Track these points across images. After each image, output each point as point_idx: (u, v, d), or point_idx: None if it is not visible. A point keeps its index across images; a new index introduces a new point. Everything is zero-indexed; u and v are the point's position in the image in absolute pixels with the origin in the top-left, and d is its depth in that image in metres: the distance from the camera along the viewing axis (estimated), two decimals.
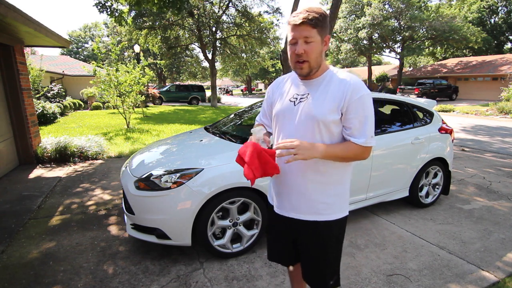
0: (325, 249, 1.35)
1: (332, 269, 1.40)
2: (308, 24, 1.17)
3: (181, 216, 2.26)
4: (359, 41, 25.58)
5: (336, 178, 1.31)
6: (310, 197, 1.30)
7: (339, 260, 1.44)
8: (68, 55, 36.60)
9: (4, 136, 4.74)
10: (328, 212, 1.31)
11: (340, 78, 1.25)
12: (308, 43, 1.19)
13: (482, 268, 2.36)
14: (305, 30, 1.17)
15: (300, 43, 1.19)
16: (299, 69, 1.25)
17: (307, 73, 1.25)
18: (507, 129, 9.97)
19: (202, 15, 16.90)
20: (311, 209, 1.31)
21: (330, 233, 1.34)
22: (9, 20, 3.64)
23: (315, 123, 1.23)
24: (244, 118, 3.61)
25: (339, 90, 1.22)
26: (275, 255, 1.57)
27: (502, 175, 4.78)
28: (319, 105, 1.23)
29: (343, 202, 1.34)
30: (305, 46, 1.19)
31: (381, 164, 3.04)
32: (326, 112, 1.22)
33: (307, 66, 1.23)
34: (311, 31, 1.18)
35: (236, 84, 61.27)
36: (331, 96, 1.23)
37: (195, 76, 30.87)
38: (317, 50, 1.21)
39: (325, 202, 1.30)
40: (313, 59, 1.21)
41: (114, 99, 8.73)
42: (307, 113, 1.25)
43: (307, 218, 1.32)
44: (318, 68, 1.26)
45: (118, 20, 7.07)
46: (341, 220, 1.35)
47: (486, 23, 30.88)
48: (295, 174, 1.31)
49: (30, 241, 2.70)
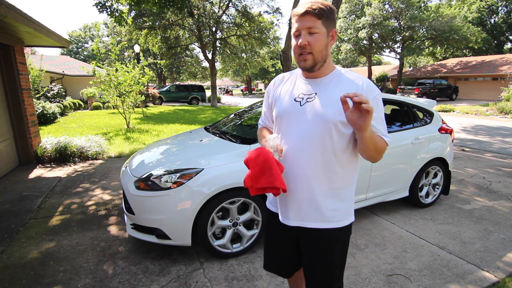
0: (332, 257, 1.29)
1: (338, 276, 1.35)
2: (312, 14, 1.12)
3: (181, 216, 2.26)
4: (359, 41, 25.59)
5: (343, 184, 1.24)
6: (318, 205, 1.22)
7: (344, 265, 1.38)
8: (68, 55, 36.63)
9: (4, 136, 4.74)
10: (336, 219, 1.25)
11: (350, 78, 1.20)
12: (312, 34, 1.13)
13: (482, 268, 2.35)
14: (309, 21, 1.12)
15: (303, 34, 1.14)
16: (302, 61, 1.17)
17: (311, 66, 1.17)
18: (507, 129, 9.97)
19: (202, 15, 16.90)
20: (319, 217, 1.23)
21: (338, 240, 1.28)
22: (9, 20, 3.64)
23: (325, 125, 1.15)
24: (244, 118, 3.61)
25: (351, 90, 1.14)
26: (273, 265, 1.50)
27: (502, 175, 4.78)
28: (330, 106, 1.15)
29: (350, 208, 1.29)
30: (309, 38, 1.13)
31: (381, 164, 3.04)
32: (337, 113, 1.13)
33: (311, 58, 1.16)
34: (315, 22, 1.12)
35: (236, 84, 61.26)
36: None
37: (195, 76, 30.85)
38: (321, 42, 1.15)
39: (333, 209, 1.23)
40: (317, 51, 1.15)
41: (114, 99, 8.72)
42: (316, 114, 1.17)
43: (315, 226, 1.25)
44: (323, 62, 1.19)
45: (118, 20, 7.06)
46: (348, 227, 1.29)
47: (486, 23, 30.87)
48: (302, 181, 1.22)
49: (30, 241, 2.70)
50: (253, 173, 1.14)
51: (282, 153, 1.21)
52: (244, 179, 1.17)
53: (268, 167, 1.12)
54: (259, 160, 1.13)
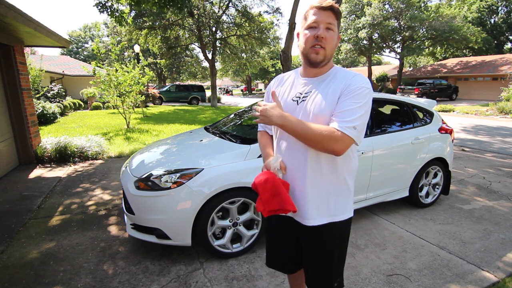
0: (332, 252, 1.32)
1: (337, 271, 1.37)
2: (333, 12, 1.16)
3: (181, 216, 2.26)
4: (359, 41, 25.58)
5: (340, 179, 1.27)
6: (317, 201, 1.26)
7: (344, 261, 1.41)
8: (68, 55, 36.62)
9: (4, 136, 4.74)
10: (335, 213, 1.28)
11: (345, 73, 1.23)
12: (328, 30, 1.17)
13: (482, 268, 2.36)
14: (329, 17, 1.16)
15: (321, 28, 1.16)
16: (314, 53, 1.19)
17: (321, 60, 1.20)
18: (507, 129, 9.97)
19: (202, 15, 16.89)
20: (318, 212, 1.27)
21: (337, 234, 1.31)
22: (9, 20, 3.64)
23: (319, 120, 1.19)
24: (244, 118, 3.60)
25: (341, 82, 1.19)
26: (275, 261, 1.52)
27: (502, 175, 4.78)
28: (321, 102, 1.19)
29: (348, 203, 1.32)
30: (326, 33, 1.16)
31: (381, 164, 3.04)
32: (327, 108, 1.17)
33: (323, 53, 1.19)
34: (334, 20, 1.17)
35: (236, 84, 61.25)
36: (333, 90, 1.19)
37: (195, 76, 30.86)
38: (334, 40, 1.19)
39: (332, 205, 1.27)
40: (330, 48, 1.19)
41: (114, 99, 8.72)
42: (311, 111, 1.21)
43: (315, 221, 1.28)
44: (328, 61, 1.23)
45: (118, 20, 7.06)
46: (347, 221, 1.32)
47: (486, 23, 30.87)
48: (301, 179, 1.26)
49: (30, 241, 2.70)
50: (263, 198, 1.21)
51: (285, 170, 1.28)
52: (256, 205, 1.26)
53: (277, 192, 1.19)
54: (268, 186, 1.20)
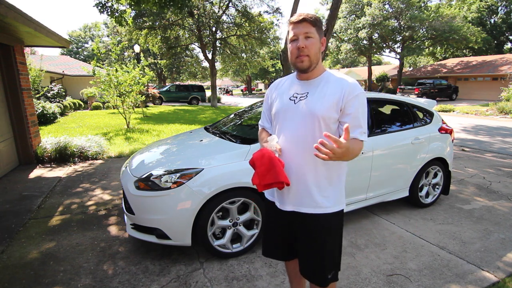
0: (324, 242, 1.40)
1: (330, 263, 1.43)
2: (307, 22, 1.30)
3: (181, 216, 2.26)
4: (359, 41, 25.58)
5: (333, 173, 1.38)
6: (310, 191, 1.36)
7: (339, 255, 1.47)
8: (68, 55, 36.61)
9: (4, 136, 4.74)
10: (327, 205, 1.37)
11: (338, 77, 1.35)
12: (308, 39, 1.30)
13: (482, 268, 2.36)
14: (305, 27, 1.30)
15: (301, 39, 1.30)
16: (299, 62, 1.32)
17: (308, 66, 1.33)
18: (507, 129, 9.97)
19: (202, 15, 16.89)
20: (311, 203, 1.37)
21: (329, 225, 1.40)
22: (9, 20, 3.64)
23: (316, 120, 1.30)
24: (244, 118, 3.60)
25: (337, 87, 1.31)
26: (271, 250, 1.60)
27: (502, 175, 4.78)
28: (319, 102, 1.31)
29: (340, 195, 1.41)
30: (306, 41, 1.30)
31: (381, 164, 3.04)
32: (326, 109, 1.30)
33: (308, 60, 1.31)
34: (310, 28, 1.30)
35: (236, 84, 61.24)
36: (330, 93, 1.31)
37: (195, 76, 30.85)
38: (316, 46, 1.32)
39: (324, 196, 1.37)
40: (313, 54, 1.32)
41: (114, 99, 8.72)
42: (307, 111, 1.32)
43: (307, 211, 1.38)
44: (316, 64, 1.35)
45: (118, 21, 7.07)
46: (338, 213, 1.41)
47: (486, 23, 30.87)
48: (296, 170, 1.36)
49: (30, 241, 2.70)
50: (259, 171, 1.28)
51: (281, 150, 1.37)
52: (252, 178, 1.33)
53: (272, 165, 1.27)
54: (264, 160, 1.29)
